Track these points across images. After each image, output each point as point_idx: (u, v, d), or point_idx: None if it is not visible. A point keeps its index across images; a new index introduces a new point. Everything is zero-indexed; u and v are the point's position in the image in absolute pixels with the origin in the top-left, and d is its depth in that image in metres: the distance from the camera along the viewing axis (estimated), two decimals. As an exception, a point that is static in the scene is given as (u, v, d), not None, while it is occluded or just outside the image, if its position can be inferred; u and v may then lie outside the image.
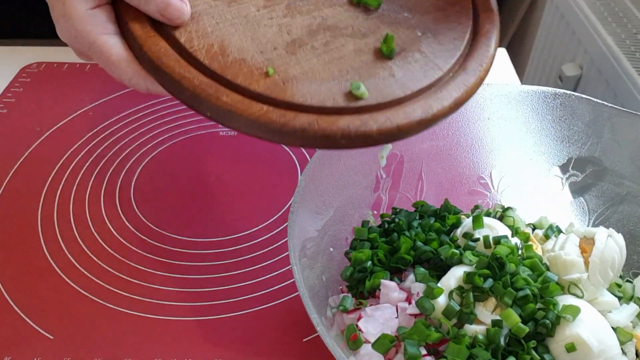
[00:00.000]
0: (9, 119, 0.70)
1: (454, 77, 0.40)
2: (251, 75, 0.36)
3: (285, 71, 0.37)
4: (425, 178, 0.52)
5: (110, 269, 0.53)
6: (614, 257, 0.42)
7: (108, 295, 0.51)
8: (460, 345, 0.37)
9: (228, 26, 0.39)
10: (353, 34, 0.41)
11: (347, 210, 0.48)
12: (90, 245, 0.55)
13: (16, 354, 0.46)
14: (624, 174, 0.49)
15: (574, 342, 0.37)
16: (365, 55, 0.40)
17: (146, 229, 0.57)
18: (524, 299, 0.39)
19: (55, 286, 0.52)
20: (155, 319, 0.49)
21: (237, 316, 0.49)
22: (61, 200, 0.60)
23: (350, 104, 0.37)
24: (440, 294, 0.39)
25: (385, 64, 0.40)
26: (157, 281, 0.52)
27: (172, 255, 0.55)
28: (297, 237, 0.39)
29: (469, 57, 0.41)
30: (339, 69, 0.39)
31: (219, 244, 0.56)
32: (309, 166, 0.43)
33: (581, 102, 0.50)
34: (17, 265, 0.53)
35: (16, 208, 0.59)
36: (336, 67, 0.39)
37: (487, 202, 0.53)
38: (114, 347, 0.47)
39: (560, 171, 0.52)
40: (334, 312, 0.43)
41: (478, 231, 0.45)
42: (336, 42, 0.40)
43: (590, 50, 1.17)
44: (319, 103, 0.36)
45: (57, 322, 0.49)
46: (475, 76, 0.40)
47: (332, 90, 0.37)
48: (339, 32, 0.41)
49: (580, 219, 0.51)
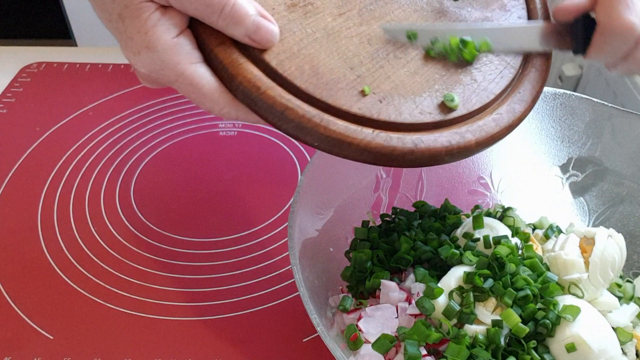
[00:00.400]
0: (9, 118, 0.70)
1: (524, 73, 0.40)
2: (350, 97, 0.35)
3: (378, 87, 0.36)
4: (425, 178, 0.52)
5: (110, 269, 0.53)
6: (614, 257, 0.42)
7: (108, 295, 0.51)
8: (460, 345, 0.37)
9: (312, 42, 0.37)
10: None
11: (347, 210, 0.48)
12: (90, 245, 0.55)
13: (16, 353, 0.46)
14: (624, 174, 0.49)
15: (574, 342, 0.37)
16: (445, 59, 0.39)
17: (146, 229, 0.57)
18: (524, 299, 0.39)
19: (55, 286, 0.52)
20: (155, 319, 0.49)
21: (237, 316, 0.49)
22: (61, 199, 0.60)
23: (445, 117, 0.37)
24: (441, 294, 0.39)
25: (466, 69, 0.39)
26: (157, 281, 0.52)
27: (173, 255, 0.55)
28: (297, 237, 0.39)
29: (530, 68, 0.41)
30: (425, 79, 0.38)
31: (219, 244, 0.56)
32: (309, 166, 0.43)
33: (581, 102, 0.50)
34: (17, 265, 0.53)
35: (16, 208, 0.59)
36: (423, 78, 0.38)
37: (488, 202, 0.53)
38: (113, 347, 0.47)
39: (560, 171, 0.52)
40: (334, 312, 0.43)
41: (478, 231, 0.45)
42: (417, 58, 0.39)
43: (590, 51, 1.17)
44: (418, 120, 0.36)
45: (57, 322, 0.49)
46: (544, 70, 0.41)
47: (425, 104, 0.37)
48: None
49: (581, 219, 0.51)
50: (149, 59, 0.34)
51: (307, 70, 0.35)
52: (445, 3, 0.42)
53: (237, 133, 0.69)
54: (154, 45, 0.33)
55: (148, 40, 0.33)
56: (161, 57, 0.33)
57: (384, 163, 0.35)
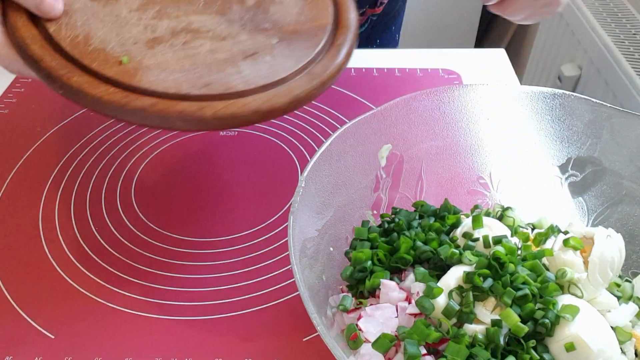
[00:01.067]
0: (11, 119, 0.70)
1: (298, 79, 0.45)
2: (106, 62, 0.42)
3: (139, 61, 0.43)
4: (425, 178, 0.52)
5: (111, 269, 0.53)
6: (613, 256, 0.42)
7: (109, 295, 0.51)
8: (460, 344, 0.37)
9: (97, 22, 0.45)
10: (213, 37, 0.47)
11: (347, 210, 0.48)
12: (91, 245, 0.56)
13: (17, 353, 0.46)
14: (623, 174, 0.49)
15: (573, 341, 0.37)
16: (220, 54, 0.46)
17: (147, 228, 0.57)
18: (524, 298, 0.39)
19: (56, 285, 0.52)
20: (156, 318, 0.49)
21: (237, 316, 0.49)
22: (62, 199, 0.60)
23: (192, 92, 0.42)
24: (440, 294, 0.39)
25: (236, 64, 0.45)
26: (158, 281, 0.52)
27: (173, 254, 0.55)
28: (297, 236, 0.40)
29: (317, 63, 0.47)
30: (190, 63, 0.44)
31: (220, 243, 0.56)
32: (309, 166, 0.43)
33: (580, 103, 0.50)
34: (18, 264, 0.54)
35: (17, 208, 0.59)
36: (188, 62, 0.44)
37: (487, 202, 0.53)
38: (114, 346, 0.47)
39: (559, 171, 0.52)
40: (334, 311, 0.43)
41: (478, 231, 0.45)
42: (195, 42, 0.46)
43: (589, 51, 1.17)
44: (163, 89, 0.42)
45: (58, 321, 0.49)
46: (318, 79, 0.46)
47: (179, 80, 0.43)
48: (199, 35, 0.47)
49: (580, 218, 0.52)
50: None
51: (80, 39, 0.43)
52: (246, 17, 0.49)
53: (237, 133, 0.69)
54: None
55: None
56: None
57: (120, 117, 0.42)
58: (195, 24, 0.47)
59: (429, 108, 0.51)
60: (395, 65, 0.79)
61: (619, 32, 1.13)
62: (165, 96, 0.42)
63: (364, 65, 0.79)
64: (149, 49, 0.45)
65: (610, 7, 1.21)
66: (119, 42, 0.45)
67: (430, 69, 0.79)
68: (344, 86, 0.75)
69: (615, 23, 1.16)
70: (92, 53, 0.43)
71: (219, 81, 0.44)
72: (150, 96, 0.42)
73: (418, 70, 0.79)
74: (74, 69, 0.42)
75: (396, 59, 0.81)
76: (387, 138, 0.50)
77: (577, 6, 1.22)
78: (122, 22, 0.46)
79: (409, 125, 0.50)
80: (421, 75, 0.78)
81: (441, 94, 0.51)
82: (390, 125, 0.50)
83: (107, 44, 0.44)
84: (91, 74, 0.42)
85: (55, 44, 0.42)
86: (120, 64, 0.43)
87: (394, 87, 0.75)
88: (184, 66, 0.44)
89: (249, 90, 0.44)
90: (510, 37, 1.91)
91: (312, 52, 0.47)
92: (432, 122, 0.51)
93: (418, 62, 0.80)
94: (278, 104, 0.44)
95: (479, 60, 0.82)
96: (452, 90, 0.51)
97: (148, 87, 0.42)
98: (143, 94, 0.42)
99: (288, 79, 0.45)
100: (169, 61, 0.44)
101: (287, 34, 0.49)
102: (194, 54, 0.45)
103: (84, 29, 0.44)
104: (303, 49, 0.48)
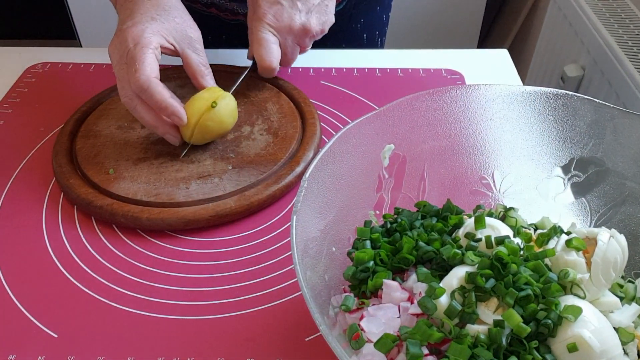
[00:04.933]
0: (14, 118, 0.71)
1: (229, 199, 0.57)
2: (98, 172, 0.61)
3: (120, 173, 0.60)
4: (427, 178, 0.52)
5: (114, 268, 0.53)
6: (616, 257, 0.42)
7: (112, 294, 0.51)
8: (462, 345, 0.37)
9: (111, 144, 0.64)
10: (184, 160, 0.61)
11: (349, 211, 0.48)
12: (94, 244, 0.56)
13: (20, 351, 0.46)
14: (626, 175, 0.49)
15: (576, 342, 0.37)
16: (181, 174, 0.59)
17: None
18: (526, 299, 0.39)
19: (59, 285, 0.52)
20: (159, 317, 0.49)
21: (239, 315, 0.50)
22: (65, 199, 0.60)
23: (143, 199, 0.56)
24: (443, 294, 0.39)
25: (189, 182, 0.58)
26: (160, 280, 0.52)
27: (176, 254, 0.55)
28: (299, 237, 0.40)
29: (253, 188, 0.58)
30: (155, 179, 0.59)
31: (222, 243, 0.56)
32: (312, 166, 0.43)
33: (583, 103, 0.50)
34: (22, 263, 0.54)
35: (21, 207, 0.59)
36: (154, 177, 0.59)
37: (489, 202, 0.53)
38: (117, 346, 0.47)
39: (562, 172, 0.52)
40: (336, 311, 0.43)
41: (480, 231, 0.45)
42: (169, 163, 0.61)
43: (592, 51, 1.17)
44: (124, 194, 0.57)
45: (61, 320, 0.49)
46: (246, 201, 0.57)
47: (139, 189, 0.58)
48: (175, 158, 0.61)
49: (582, 219, 0.51)
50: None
51: (92, 153, 0.63)
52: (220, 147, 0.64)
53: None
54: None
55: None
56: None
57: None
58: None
59: (432, 108, 0.51)
60: (398, 66, 0.79)
61: (622, 32, 1.13)
62: (122, 199, 0.57)
63: (367, 66, 0.79)
64: (134, 165, 0.60)
65: (614, 7, 1.21)
66: (115, 158, 0.61)
67: (433, 69, 0.79)
68: (346, 86, 0.76)
69: (618, 24, 1.16)
70: (93, 164, 0.61)
71: (167, 193, 0.57)
72: (111, 197, 0.57)
73: (421, 71, 0.79)
74: (75, 172, 0.60)
75: (399, 59, 0.81)
76: (390, 138, 0.50)
77: (580, 7, 1.22)
78: (128, 144, 0.63)
79: (411, 125, 0.50)
80: (424, 76, 0.78)
81: (444, 94, 0.51)
82: (393, 125, 0.50)
83: (106, 158, 0.61)
84: (84, 179, 0.60)
85: (74, 153, 0.63)
86: (107, 174, 0.59)
87: (396, 87, 0.75)
88: (150, 180, 0.59)
89: (186, 202, 0.56)
90: (513, 38, 1.90)
91: (254, 179, 0.58)
92: (435, 123, 0.51)
93: (421, 63, 0.80)
94: (202, 216, 0.55)
95: (481, 60, 0.82)
96: (454, 91, 0.51)
97: (114, 191, 0.57)
98: (109, 196, 0.57)
99: (221, 197, 0.57)
100: (141, 175, 0.59)
101: (244, 163, 0.60)
102: (162, 172, 0.60)
103: (99, 148, 0.63)
104: (248, 175, 0.59)
